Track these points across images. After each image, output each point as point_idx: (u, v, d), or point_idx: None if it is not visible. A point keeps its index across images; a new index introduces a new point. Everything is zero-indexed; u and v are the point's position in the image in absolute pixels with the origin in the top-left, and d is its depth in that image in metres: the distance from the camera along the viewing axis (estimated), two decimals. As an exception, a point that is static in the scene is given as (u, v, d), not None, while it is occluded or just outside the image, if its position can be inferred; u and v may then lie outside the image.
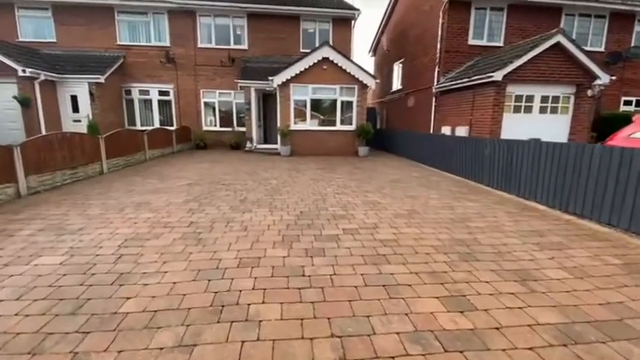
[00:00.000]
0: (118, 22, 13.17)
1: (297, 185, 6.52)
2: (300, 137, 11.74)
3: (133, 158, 8.89)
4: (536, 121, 9.58)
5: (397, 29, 16.29)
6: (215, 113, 14.27)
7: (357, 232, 3.84)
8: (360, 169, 8.79)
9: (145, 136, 9.67)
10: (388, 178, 7.57)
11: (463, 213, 4.75)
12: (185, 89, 13.87)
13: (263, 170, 8.39)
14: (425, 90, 13.12)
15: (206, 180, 6.93)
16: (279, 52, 14.00)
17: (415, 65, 14.16)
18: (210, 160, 10.25)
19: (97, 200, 5.10)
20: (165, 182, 6.61)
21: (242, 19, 13.70)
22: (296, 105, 11.67)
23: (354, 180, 7.20)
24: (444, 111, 11.74)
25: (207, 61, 13.69)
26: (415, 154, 10.57)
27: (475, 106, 9.82)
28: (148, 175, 7.35)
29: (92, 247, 3.25)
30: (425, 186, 6.72)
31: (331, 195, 5.73)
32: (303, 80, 11.39)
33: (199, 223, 4.07)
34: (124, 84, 13.39)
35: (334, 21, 14.06)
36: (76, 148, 6.53)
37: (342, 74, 11.45)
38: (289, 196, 5.64)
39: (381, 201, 5.35)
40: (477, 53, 11.80)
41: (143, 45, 13.36)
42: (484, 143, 6.84)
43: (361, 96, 11.78)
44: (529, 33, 11.87)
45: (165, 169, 8.35)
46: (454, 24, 11.49)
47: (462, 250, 3.39)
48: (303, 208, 4.83)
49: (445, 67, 11.79)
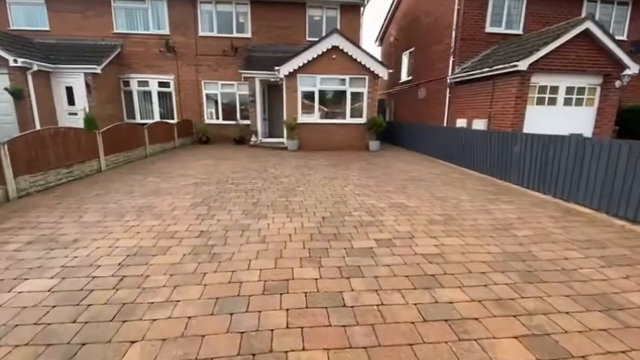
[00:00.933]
0: (115, 9, 12.47)
1: (311, 184, 6.01)
2: (308, 131, 11.18)
3: (133, 154, 8.36)
4: (560, 114, 9.03)
5: (406, 17, 15.56)
6: (217, 106, 13.67)
7: (392, 243, 3.36)
8: (374, 165, 8.28)
9: (146, 131, 9.12)
10: (407, 175, 7.06)
11: (503, 218, 4.26)
12: (186, 80, 13.24)
13: (272, 167, 7.87)
14: (437, 80, 12.51)
15: (213, 179, 6.42)
16: (283, 41, 13.33)
17: (426, 55, 13.50)
18: (214, 155, 9.72)
19: (95, 204, 4.60)
20: (169, 181, 6.10)
21: (245, 6, 12.99)
22: (303, 97, 11.08)
23: (371, 178, 6.69)
24: (459, 103, 11.16)
25: (208, 50, 13.04)
26: (430, 149, 10.03)
27: (495, 98, 9.25)
28: (150, 173, 6.84)
29: (88, 267, 2.76)
30: (449, 184, 6.22)
31: (351, 196, 5.23)
32: (311, 70, 10.78)
33: (211, 232, 3.58)
34: (121, 75, 12.77)
35: (342, 8, 13.35)
36: (72, 145, 6.00)
37: (353, 64, 10.84)
38: (305, 197, 5.14)
39: (409, 203, 4.85)
40: (495, 41, 11.17)
41: (141, 33, 12.69)
42: (513, 138, 6.31)
43: (372, 87, 11.18)
44: (549, 20, 11.23)
45: (167, 165, 7.84)
46: (471, 10, 10.83)
47: (520, 267, 2.91)
48: (324, 213, 4.33)
49: (461, 57, 11.17)
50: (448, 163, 8.72)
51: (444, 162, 8.93)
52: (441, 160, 9.17)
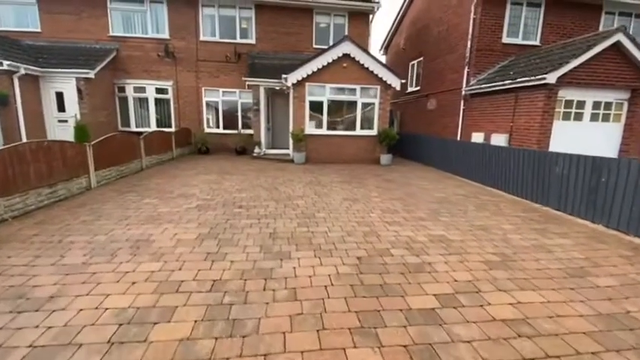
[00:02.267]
0: (111, 11, 11.78)
1: (331, 208, 5.32)
2: (315, 142, 10.52)
3: (127, 168, 7.59)
4: (586, 130, 8.51)
5: (415, 25, 15.13)
6: (218, 114, 12.96)
7: (457, 301, 2.66)
8: (392, 183, 7.62)
9: (142, 141, 8.36)
10: (432, 196, 6.41)
11: (568, 259, 3.60)
12: (185, 87, 12.54)
13: (282, 184, 7.16)
14: (450, 92, 11.99)
15: (218, 199, 5.69)
16: (289, 48, 12.75)
17: (437, 65, 13.02)
18: (217, 169, 8.98)
19: (81, 235, 3.84)
20: (169, 203, 5.36)
21: (249, 11, 12.41)
22: (311, 107, 10.45)
23: (395, 199, 6.01)
24: (475, 115, 10.62)
25: (210, 56, 12.38)
26: (448, 164, 9.43)
27: (518, 112, 8.71)
28: (147, 192, 6.08)
29: (65, 346, 2.02)
30: (484, 209, 5.57)
31: (381, 225, 4.55)
32: (320, 79, 10.17)
33: (226, 282, 2.85)
34: (116, 80, 12.02)
35: (351, 15, 12.84)
36: (56, 160, 5.24)
37: (364, 73, 10.26)
38: (329, 226, 4.44)
39: (450, 236, 4.18)
40: (512, 53, 10.71)
41: (139, 37, 12.00)
42: (554, 158, 5.72)
43: (384, 97, 10.60)
44: (567, 32, 10.84)
45: (166, 182, 7.08)
46: (488, 19, 10.37)
47: (633, 340, 2.24)
48: (358, 251, 3.63)
49: (476, 67, 10.67)
50: (470, 181, 8.11)
51: (466, 179, 8.32)
52: (461, 177, 8.55)
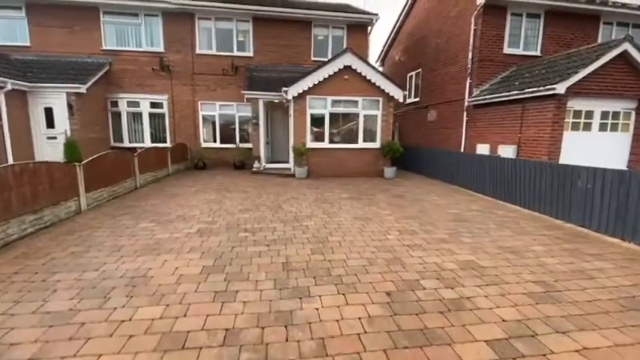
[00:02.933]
0: (104, 24, 11.47)
1: (344, 230, 4.92)
2: (317, 156, 10.18)
3: (120, 187, 7.11)
4: (595, 140, 8.33)
5: (412, 37, 15.10)
6: (215, 128, 12.59)
7: (515, 350, 2.26)
8: (401, 198, 7.27)
9: (136, 159, 7.91)
10: (447, 213, 6.06)
11: (617, 287, 3.25)
12: (181, 101, 12.18)
13: (286, 202, 6.75)
14: (452, 103, 11.83)
15: (220, 222, 5.25)
16: (288, 60, 12.54)
17: (437, 76, 12.91)
18: (216, 186, 8.54)
19: (68, 272, 3.37)
20: (167, 228, 4.90)
21: (247, 24, 12.21)
22: (313, 120, 10.15)
23: (409, 218, 5.64)
24: (479, 127, 10.42)
25: (206, 69, 12.09)
26: (454, 177, 9.15)
27: (525, 123, 8.51)
28: (142, 215, 5.61)
29: None
30: (505, 227, 5.23)
31: (402, 249, 4.15)
32: (321, 92, 9.91)
33: (239, 331, 2.41)
34: (109, 94, 11.62)
35: (349, 27, 12.73)
36: (43, 183, 4.77)
37: (366, 85, 10.03)
38: (346, 252, 4.03)
39: (481, 262, 3.80)
40: (513, 63, 10.62)
41: (133, 50, 11.68)
42: (575, 171, 5.44)
43: (386, 110, 10.36)
44: (566, 42, 10.83)
45: (162, 202, 6.61)
46: (488, 30, 10.29)
47: None
48: (385, 284, 3.22)
49: (478, 78, 10.53)
50: (481, 195, 7.81)
51: (476, 193, 8.02)
52: (471, 191, 8.26)
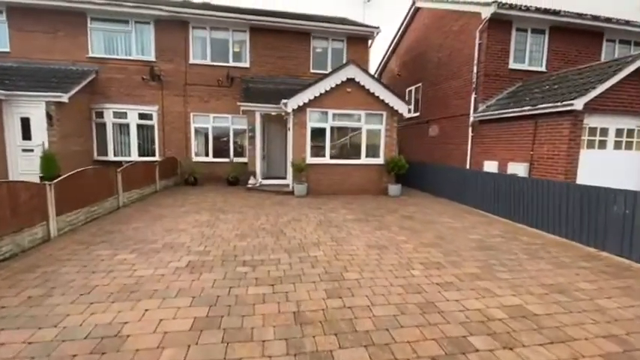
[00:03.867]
0: (91, 31, 10.83)
1: (359, 262, 4.25)
2: (318, 173, 9.56)
3: (100, 207, 6.31)
4: (610, 158, 7.96)
5: (412, 52, 14.89)
6: (208, 141, 11.90)
7: None
8: (412, 221, 6.66)
9: (119, 175, 7.14)
10: (467, 239, 5.46)
11: None
12: (172, 112, 11.50)
13: (288, 225, 6.06)
14: (455, 118, 11.47)
15: (214, 252, 4.52)
16: (286, 72, 12.08)
17: (439, 90, 12.60)
18: (208, 205, 7.79)
19: (17, 330, 2.60)
20: (151, 261, 4.15)
21: (244, 34, 11.75)
22: (313, 134, 9.57)
23: (429, 246, 5.02)
24: (486, 143, 10.01)
25: (200, 79, 11.49)
26: (463, 197, 8.63)
27: (538, 140, 8.11)
28: (122, 243, 4.84)
29: None
30: (536, 257, 4.65)
31: (433, 290, 3.50)
32: (322, 104, 9.38)
33: None
34: (94, 104, 10.87)
35: (349, 40, 12.40)
36: (2, 208, 3.99)
37: (369, 98, 9.56)
38: (368, 295, 3.36)
39: (530, 307, 3.18)
40: (519, 78, 10.36)
41: (122, 59, 11.02)
42: (610, 195, 4.94)
43: (390, 124, 9.88)
44: (571, 59, 10.66)
45: (147, 225, 5.84)
46: (494, 45, 10.04)
47: None
48: (427, 344, 2.55)
49: (484, 93, 10.20)
50: (496, 217, 7.27)
51: (489, 214, 7.49)
52: (483, 212, 7.73)
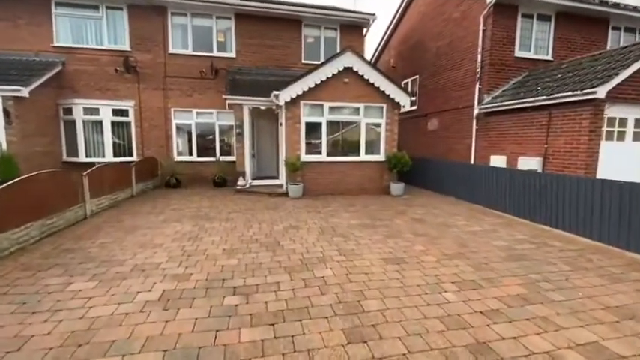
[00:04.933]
0: (56, 17, 9.65)
1: (378, 285, 3.44)
2: (314, 171, 8.71)
3: (60, 219, 5.31)
4: (628, 151, 7.41)
5: (407, 42, 14.16)
6: (192, 139, 10.88)
7: None
8: (424, 224, 5.91)
9: (86, 179, 6.13)
10: (492, 246, 4.74)
11: None
12: (151, 107, 10.43)
13: (285, 235, 5.21)
14: (457, 110, 10.80)
15: (197, 275, 3.64)
16: (275, 63, 11.15)
17: (437, 82, 11.91)
18: (191, 211, 6.85)
19: None
20: (113, 291, 3.24)
21: (229, 21, 10.75)
22: (308, 129, 8.71)
23: (454, 257, 4.26)
24: (493, 137, 9.37)
25: (181, 71, 10.46)
26: (474, 195, 7.95)
27: (554, 132, 7.48)
28: (81, 264, 3.89)
29: None
30: (582, 269, 3.95)
31: (480, 322, 2.73)
32: (317, 97, 8.53)
33: None
34: (62, 100, 9.71)
35: (343, 28, 11.55)
36: None
37: (368, 89, 8.76)
38: (401, 337, 2.55)
39: (612, 347, 2.44)
40: (525, 67, 9.74)
41: (92, 48, 9.88)
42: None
43: (391, 117, 9.11)
44: (577, 46, 10.12)
45: (116, 240, 4.89)
46: (499, 32, 9.37)
47: None
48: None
49: (489, 84, 9.55)
50: (512, 216, 6.61)
51: (504, 214, 6.82)
52: (498, 212, 7.05)
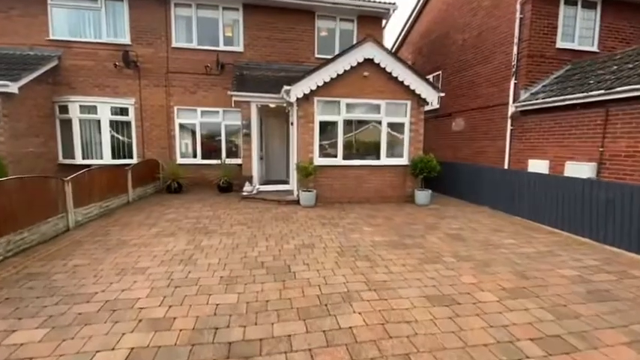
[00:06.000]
0: (52, 9, 8.98)
1: (429, 343, 2.47)
2: (328, 176, 7.77)
3: (33, 233, 4.48)
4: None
5: (428, 36, 13.11)
6: (196, 140, 10.07)
7: None
8: (464, 243, 4.89)
9: (69, 185, 5.32)
10: (562, 277, 3.69)
11: None
12: (152, 105, 9.66)
13: (297, 256, 4.26)
14: (487, 109, 9.71)
15: (182, 324, 2.72)
16: (286, 57, 10.28)
17: (464, 78, 10.84)
18: (189, 223, 5.98)
19: None
20: (66, 344, 2.34)
21: (236, 12, 9.92)
22: (322, 129, 7.78)
23: (517, 295, 3.24)
24: (532, 138, 8.25)
25: (185, 66, 9.67)
26: (513, 206, 6.88)
27: (612, 133, 6.36)
28: (36, 300, 3.03)
29: None
30: None
31: None
32: (333, 92, 7.59)
33: None
34: (58, 97, 9.01)
35: (360, 19, 10.61)
36: None
37: (391, 84, 7.78)
38: None
39: None
40: (567, 60, 8.61)
41: (90, 42, 9.18)
42: None
43: (416, 116, 8.09)
44: (626, 36, 8.95)
45: (92, 262, 4.03)
46: (539, 19, 8.28)
47: None
48: None
49: (528, 78, 8.45)
50: (571, 234, 5.52)
51: (560, 230, 5.73)
52: (547, 226, 5.97)
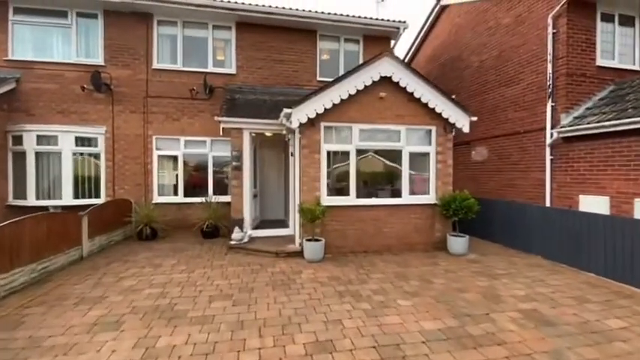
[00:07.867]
0: (13, 26, 7.74)
1: None
2: (339, 220, 6.18)
3: None
4: None
5: (438, 58, 12.16)
6: (178, 174, 8.53)
7: None
8: (554, 331, 3.26)
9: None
10: None
11: None
12: (127, 135, 8.20)
13: (311, 373, 2.59)
14: (517, 135, 8.42)
15: None
16: (284, 80, 9.06)
17: (485, 102, 9.66)
18: (151, 298, 4.24)
19: None
20: None
21: (228, 31, 8.80)
22: (330, 160, 6.33)
23: None
24: (581, 169, 6.88)
25: (167, 89, 8.34)
26: (584, 258, 5.31)
27: None
28: None
29: None
30: None
31: None
32: (343, 116, 6.22)
33: None
34: (12, 126, 7.54)
35: (366, 40, 9.58)
36: None
37: (412, 106, 6.46)
38: None
39: None
40: (608, 79, 7.48)
41: (56, 62, 7.86)
42: None
43: (443, 144, 6.72)
44: (667, 53, 7.93)
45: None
46: (576, 34, 7.24)
47: None
48: None
49: (568, 100, 7.24)
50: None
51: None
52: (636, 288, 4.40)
